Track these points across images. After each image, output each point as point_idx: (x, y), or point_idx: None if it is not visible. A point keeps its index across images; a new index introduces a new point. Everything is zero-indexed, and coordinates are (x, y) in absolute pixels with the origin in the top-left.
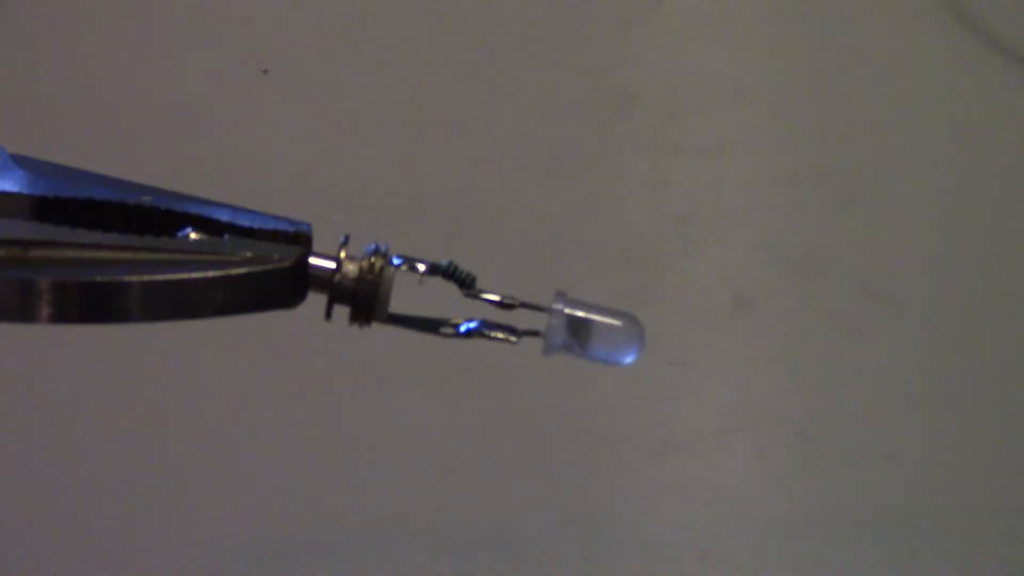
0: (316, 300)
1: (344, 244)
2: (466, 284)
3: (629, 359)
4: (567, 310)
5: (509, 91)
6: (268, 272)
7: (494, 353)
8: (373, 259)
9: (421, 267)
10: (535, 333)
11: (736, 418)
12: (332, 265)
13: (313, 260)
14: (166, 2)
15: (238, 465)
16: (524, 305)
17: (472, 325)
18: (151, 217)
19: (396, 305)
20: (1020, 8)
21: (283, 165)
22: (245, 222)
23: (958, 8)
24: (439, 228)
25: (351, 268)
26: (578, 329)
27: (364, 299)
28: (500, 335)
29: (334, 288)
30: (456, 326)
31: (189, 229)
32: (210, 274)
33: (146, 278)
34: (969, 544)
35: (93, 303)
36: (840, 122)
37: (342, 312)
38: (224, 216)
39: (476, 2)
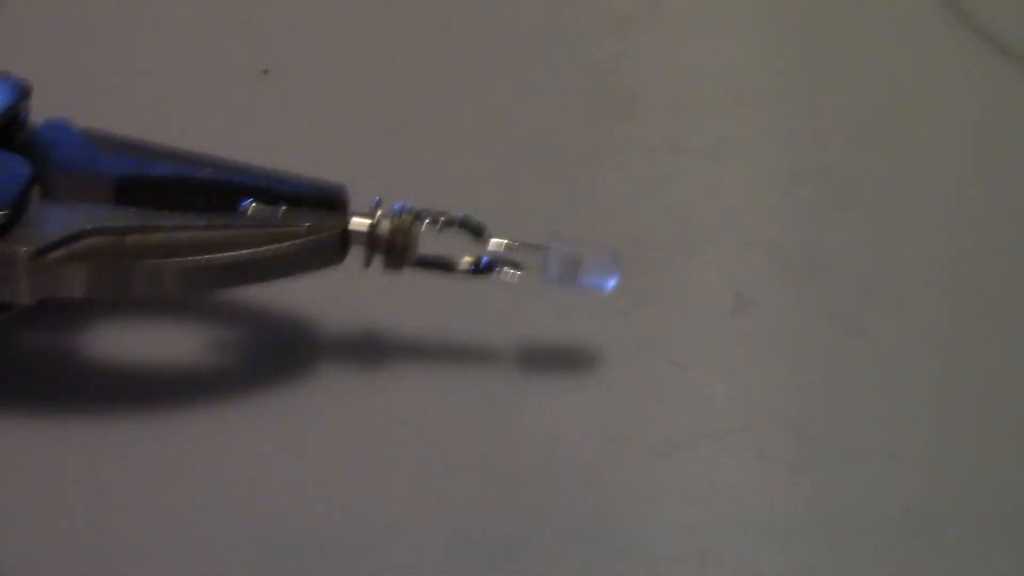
0: (318, 299)
1: (378, 204)
2: (477, 232)
3: (612, 283)
4: (560, 245)
5: (508, 91)
6: (324, 240)
7: (493, 350)
8: (404, 215)
9: (441, 219)
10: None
11: (736, 418)
12: (369, 222)
13: (355, 219)
14: (165, 2)
15: (237, 464)
16: (524, 245)
17: (484, 261)
18: (212, 190)
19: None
20: (1020, 8)
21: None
22: (294, 189)
23: (958, 8)
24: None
25: (386, 224)
26: (569, 261)
27: (399, 249)
28: (509, 270)
29: (374, 242)
30: (471, 265)
31: (250, 201)
32: (275, 247)
33: (230, 256)
34: (969, 544)
35: (191, 281)
36: (840, 122)
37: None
38: (274, 185)
39: (476, 2)
